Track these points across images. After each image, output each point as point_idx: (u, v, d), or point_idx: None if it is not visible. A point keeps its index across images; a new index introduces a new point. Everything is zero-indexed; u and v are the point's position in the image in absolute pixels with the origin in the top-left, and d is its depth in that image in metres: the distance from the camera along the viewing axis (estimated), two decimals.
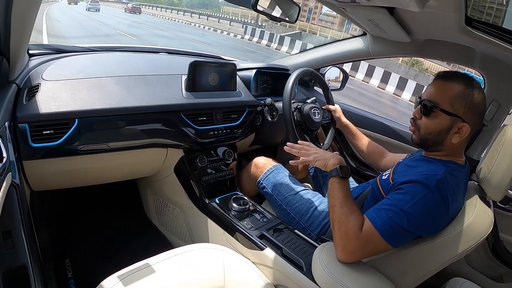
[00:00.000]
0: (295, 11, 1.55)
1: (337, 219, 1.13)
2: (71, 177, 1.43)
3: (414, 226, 1.04)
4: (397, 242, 1.08)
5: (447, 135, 1.13)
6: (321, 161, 1.30)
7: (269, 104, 1.80)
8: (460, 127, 1.11)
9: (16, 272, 0.88)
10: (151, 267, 1.09)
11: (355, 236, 1.06)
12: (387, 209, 1.07)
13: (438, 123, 1.14)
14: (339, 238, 1.10)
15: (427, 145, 1.21)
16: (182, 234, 1.78)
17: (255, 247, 1.34)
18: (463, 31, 1.23)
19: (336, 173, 1.23)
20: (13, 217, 0.92)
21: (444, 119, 1.12)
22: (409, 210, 1.03)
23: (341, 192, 1.18)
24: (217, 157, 1.75)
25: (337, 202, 1.16)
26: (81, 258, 1.71)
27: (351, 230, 1.07)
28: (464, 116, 1.10)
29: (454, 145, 1.15)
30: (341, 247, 1.09)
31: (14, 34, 1.01)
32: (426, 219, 1.05)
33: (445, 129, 1.13)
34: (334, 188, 1.21)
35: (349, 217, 1.10)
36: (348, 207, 1.14)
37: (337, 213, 1.14)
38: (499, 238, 1.65)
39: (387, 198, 1.12)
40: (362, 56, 2.03)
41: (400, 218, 1.04)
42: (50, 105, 1.19)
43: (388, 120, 2.12)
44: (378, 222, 1.05)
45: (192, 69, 1.54)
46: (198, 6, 52.38)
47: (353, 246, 1.07)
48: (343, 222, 1.10)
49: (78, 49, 1.69)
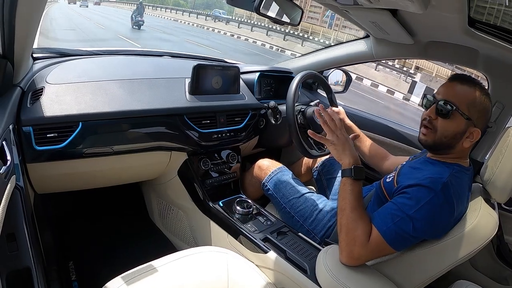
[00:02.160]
0: (298, 14, 1.56)
1: (346, 224, 1.10)
2: (75, 180, 1.43)
3: (420, 231, 1.04)
4: (402, 246, 1.08)
5: (460, 139, 1.13)
6: (337, 151, 1.26)
7: (272, 107, 1.80)
8: (472, 132, 1.11)
9: (19, 274, 0.88)
10: (154, 269, 1.09)
11: (362, 245, 1.05)
12: (392, 214, 1.06)
13: (456, 126, 1.12)
14: (346, 244, 1.08)
15: (439, 148, 1.18)
16: (186, 237, 1.78)
17: (259, 250, 1.34)
18: (466, 33, 1.23)
19: (349, 174, 1.18)
20: (17, 219, 0.92)
21: (461, 122, 1.11)
22: (414, 215, 1.03)
23: (352, 195, 1.14)
24: (221, 160, 1.75)
25: (347, 206, 1.13)
26: (84, 261, 1.71)
27: (359, 238, 1.06)
28: (476, 121, 1.10)
29: (463, 149, 1.15)
30: (347, 252, 1.08)
31: (19, 38, 1.02)
32: (431, 224, 1.04)
33: (461, 132, 1.12)
34: (346, 190, 1.17)
35: (358, 223, 1.09)
36: (359, 213, 1.11)
37: (346, 217, 1.11)
38: (504, 240, 1.64)
39: (392, 202, 1.11)
40: (365, 58, 2.03)
41: (405, 223, 1.03)
42: (54, 108, 1.19)
43: (391, 122, 2.11)
44: (383, 228, 1.05)
45: (195, 73, 1.54)
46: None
47: (359, 254, 1.06)
48: (351, 229, 1.08)
49: (82, 53, 1.69)
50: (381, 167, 1.69)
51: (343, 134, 1.28)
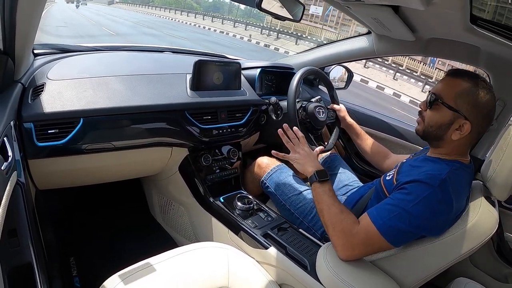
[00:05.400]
0: (299, 10, 1.55)
1: (329, 220, 1.15)
2: (76, 176, 1.43)
3: (416, 226, 1.04)
4: (398, 241, 1.08)
5: (447, 130, 1.14)
6: (300, 165, 1.36)
7: (273, 103, 1.80)
8: (462, 124, 1.11)
9: (21, 270, 0.88)
10: (155, 265, 1.10)
11: (351, 233, 1.09)
12: (389, 209, 1.07)
13: (440, 117, 1.15)
14: (336, 238, 1.12)
15: (429, 138, 1.22)
16: (187, 233, 1.79)
17: (260, 246, 1.34)
18: (468, 30, 1.23)
19: (314, 179, 1.26)
20: (19, 215, 0.93)
21: (446, 113, 1.13)
22: (411, 210, 1.03)
23: (325, 195, 1.22)
24: (222, 156, 1.75)
25: (324, 206, 1.19)
26: (86, 257, 1.72)
27: (347, 228, 1.10)
28: (467, 113, 1.10)
29: (455, 143, 1.15)
30: (340, 246, 1.10)
31: (19, 34, 1.02)
32: (428, 219, 1.04)
33: (446, 123, 1.14)
34: (318, 193, 1.24)
35: (340, 216, 1.14)
36: (336, 207, 1.17)
37: (327, 215, 1.17)
38: (504, 238, 1.64)
39: (390, 197, 1.12)
40: (367, 54, 2.02)
41: (401, 218, 1.04)
42: (55, 104, 1.19)
43: (392, 119, 2.11)
44: (378, 222, 1.06)
45: (196, 68, 1.54)
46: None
47: (352, 243, 1.09)
48: (336, 223, 1.13)
49: (82, 49, 1.69)
50: (381, 165, 1.69)
51: (305, 149, 1.39)
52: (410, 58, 20.63)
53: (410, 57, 20.21)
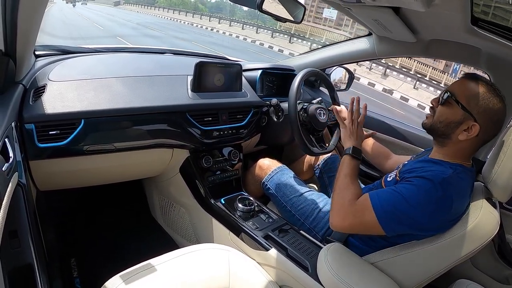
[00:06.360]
0: (300, 12, 1.55)
1: (339, 186, 1.28)
2: (77, 177, 1.43)
3: (411, 216, 1.07)
4: (389, 227, 1.11)
5: (455, 129, 1.14)
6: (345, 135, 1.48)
7: (274, 104, 1.79)
8: (470, 126, 1.11)
9: (22, 271, 0.89)
10: (156, 266, 1.09)
11: (349, 203, 1.19)
12: (388, 192, 1.13)
13: (450, 114, 1.16)
14: (335, 203, 1.24)
15: (435, 133, 1.23)
16: (188, 234, 1.79)
17: (261, 247, 1.34)
18: (469, 31, 1.22)
19: (348, 151, 1.37)
20: (20, 216, 0.93)
21: (457, 111, 1.14)
22: (409, 200, 1.07)
23: (348, 168, 1.32)
24: (223, 158, 1.75)
25: (341, 174, 1.31)
26: (86, 258, 1.72)
27: (348, 197, 1.21)
28: (477, 116, 1.10)
29: (459, 145, 1.15)
30: (335, 211, 1.22)
31: (21, 35, 1.02)
32: (424, 211, 1.06)
33: (455, 122, 1.14)
34: (343, 163, 1.35)
35: (349, 186, 1.26)
36: (351, 179, 1.28)
37: (340, 181, 1.29)
38: (505, 239, 1.63)
39: (392, 188, 1.15)
40: (367, 56, 2.02)
41: (398, 201, 1.08)
42: (57, 105, 1.19)
43: (393, 121, 2.11)
44: (375, 201, 1.12)
45: (197, 70, 1.54)
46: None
47: (345, 212, 1.18)
48: (343, 189, 1.26)
49: (84, 50, 1.69)
50: (383, 166, 1.69)
51: (359, 128, 1.47)
52: (434, 69, 20.66)
53: (433, 67, 20.26)
